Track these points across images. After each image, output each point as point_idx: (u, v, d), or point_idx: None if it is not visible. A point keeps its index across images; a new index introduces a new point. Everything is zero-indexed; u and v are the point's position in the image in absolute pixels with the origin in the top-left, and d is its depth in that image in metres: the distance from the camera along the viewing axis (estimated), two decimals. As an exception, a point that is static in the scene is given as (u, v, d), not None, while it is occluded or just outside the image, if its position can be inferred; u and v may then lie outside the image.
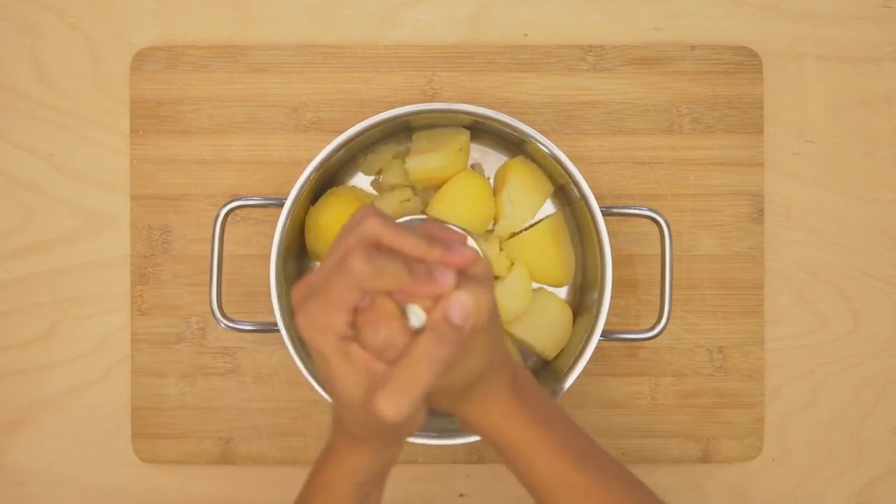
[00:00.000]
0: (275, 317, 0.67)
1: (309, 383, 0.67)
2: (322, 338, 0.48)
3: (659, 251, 0.69)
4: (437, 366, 0.47)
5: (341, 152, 0.68)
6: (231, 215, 0.73)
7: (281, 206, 0.67)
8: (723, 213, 0.77)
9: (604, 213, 0.68)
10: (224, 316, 0.69)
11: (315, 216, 0.72)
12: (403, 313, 0.49)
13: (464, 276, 0.49)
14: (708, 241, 0.77)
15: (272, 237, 0.67)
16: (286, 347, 0.67)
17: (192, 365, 0.76)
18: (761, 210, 0.77)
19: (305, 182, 0.67)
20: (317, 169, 0.67)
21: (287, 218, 0.67)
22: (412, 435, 0.56)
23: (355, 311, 0.48)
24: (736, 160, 0.77)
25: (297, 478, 0.77)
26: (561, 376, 0.68)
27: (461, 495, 0.77)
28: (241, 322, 0.69)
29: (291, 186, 0.67)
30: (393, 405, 0.47)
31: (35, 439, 0.77)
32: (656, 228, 0.69)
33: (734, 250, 0.77)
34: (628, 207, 0.70)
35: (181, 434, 0.76)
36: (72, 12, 0.78)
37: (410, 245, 0.49)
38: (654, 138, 0.77)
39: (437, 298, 0.48)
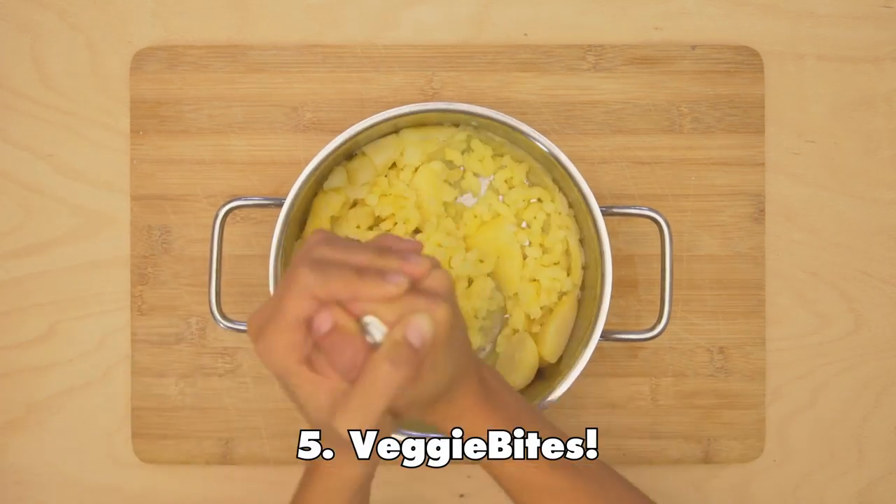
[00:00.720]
0: (274, 317, 0.67)
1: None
2: (283, 362, 0.49)
3: (659, 251, 0.69)
4: (393, 386, 0.48)
5: (341, 150, 0.68)
6: (230, 215, 0.73)
7: (280, 205, 0.67)
8: (723, 213, 0.76)
9: (604, 213, 0.68)
10: (223, 316, 0.69)
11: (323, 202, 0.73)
12: (364, 329, 0.49)
13: (420, 290, 0.49)
14: (708, 241, 0.76)
15: (271, 237, 0.67)
16: (286, 347, 0.67)
17: (191, 365, 0.76)
18: (762, 210, 0.76)
19: (305, 182, 0.67)
20: (316, 169, 0.67)
21: (286, 218, 0.67)
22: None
23: (310, 329, 0.49)
24: (737, 160, 0.76)
25: (297, 478, 0.77)
26: (561, 377, 0.68)
27: (461, 496, 0.77)
28: (241, 322, 0.69)
29: (291, 186, 0.67)
30: (351, 425, 0.48)
31: (35, 439, 0.77)
32: (656, 228, 0.69)
33: (735, 250, 0.76)
34: (628, 207, 0.70)
35: (181, 434, 0.76)
36: (72, 12, 0.78)
37: (359, 259, 0.50)
38: (654, 138, 0.76)
39: (396, 311, 0.49)
